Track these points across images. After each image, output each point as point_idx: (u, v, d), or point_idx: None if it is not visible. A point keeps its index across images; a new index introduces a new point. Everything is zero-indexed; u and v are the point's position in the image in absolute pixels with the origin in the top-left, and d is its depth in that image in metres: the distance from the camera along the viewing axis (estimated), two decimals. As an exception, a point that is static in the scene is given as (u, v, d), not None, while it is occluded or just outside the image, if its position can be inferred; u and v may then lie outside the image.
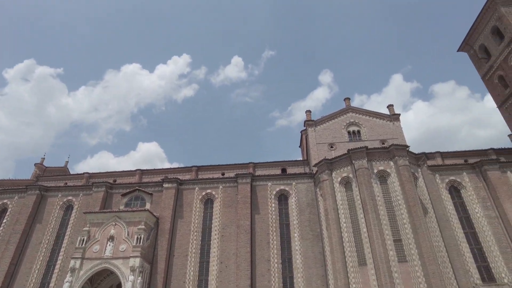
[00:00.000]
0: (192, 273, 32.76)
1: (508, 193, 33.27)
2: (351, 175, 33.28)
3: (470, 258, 30.93)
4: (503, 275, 29.78)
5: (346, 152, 34.45)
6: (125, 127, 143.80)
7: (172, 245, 34.39)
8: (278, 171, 42.71)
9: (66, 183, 44.79)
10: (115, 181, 43.68)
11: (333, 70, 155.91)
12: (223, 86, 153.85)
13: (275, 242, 34.14)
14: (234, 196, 36.94)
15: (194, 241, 34.68)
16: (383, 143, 40.52)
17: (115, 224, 32.61)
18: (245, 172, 39.34)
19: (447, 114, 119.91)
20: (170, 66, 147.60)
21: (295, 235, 34.47)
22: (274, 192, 37.24)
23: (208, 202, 37.65)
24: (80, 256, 30.57)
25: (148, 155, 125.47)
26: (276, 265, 32.82)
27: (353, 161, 33.30)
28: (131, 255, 30.41)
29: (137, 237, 31.43)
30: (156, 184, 38.56)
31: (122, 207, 36.52)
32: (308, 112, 45.03)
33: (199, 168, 44.63)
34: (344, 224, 31.56)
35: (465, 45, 48.33)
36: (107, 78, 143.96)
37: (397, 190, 31.29)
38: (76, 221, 37.07)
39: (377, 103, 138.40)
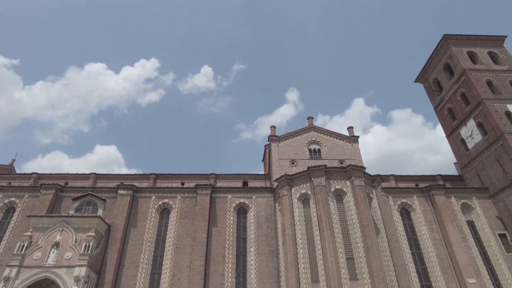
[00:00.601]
0: (142, 285, 31.31)
1: (451, 217, 35.62)
2: (309, 192, 33.98)
3: (415, 278, 32.46)
4: (444, 295, 31.54)
5: (306, 169, 35.23)
6: (83, 128, 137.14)
7: (123, 254, 32.75)
8: (240, 184, 42.60)
9: (10, 183, 41.42)
10: (66, 183, 41.14)
11: (300, 89, 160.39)
12: (191, 94, 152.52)
13: (230, 256, 33.71)
14: (192, 207, 36.18)
15: (147, 252, 33.31)
16: (341, 163, 41.98)
17: (62, 230, 30.50)
18: (205, 183, 38.82)
19: (402, 139, 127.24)
20: (137, 69, 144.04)
21: (252, 249, 34.30)
22: (234, 205, 37.00)
23: (164, 212, 36.51)
24: (18, 264, 28.02)
25: (106, 159, 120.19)
26: (230, 279, 32.32)
27: (312, 179, 34.09)
28: (77, 263, 28.47)
29: (86, 245, 29.56)
30: (110, 190, 36.80)
31: (72, 212, 34.35)
32: (273, 127, 45.73)
33: (158, 176, 43.35)
34: (300, 241, 31.94)
35: (421, 77, 52.00)
36: (69, 75, 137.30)
37: (352, 209, 32.36)
38: (17, 225, 34.14)
39: (339, 124, 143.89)
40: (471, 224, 36.35)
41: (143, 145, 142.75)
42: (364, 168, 35.43)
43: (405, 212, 37.08)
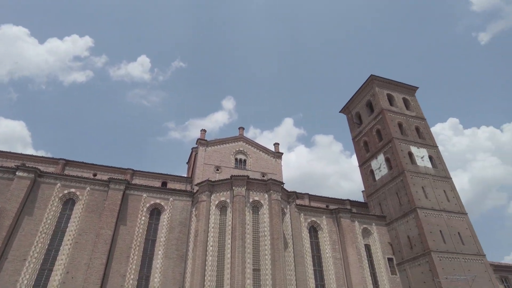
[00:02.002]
0: (26, 281, 27.73)
1: (353, 239, 38.93)
2: (228, 200, 34.19)
3: (313, 293, 34.51)
4: (335, 311, 34.06)
5: (229, 177, 35.46)
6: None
7: (8, 245, 28.75)
8: (158, 184, 40.98)
9: None
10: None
11: (237, 99, 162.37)
12: (122, 82, 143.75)
13: (136, 257, 31.98)
14: (101, 201, 33.60)
15: (39, 244, 29.77)
16: (263, 176, 43.27)
17: None
18: (120, 178, 36.51)
19: (322, 162, 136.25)
20: (66, 43, 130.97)
21: (160, 252, 33.03)
22: (148, 205, 35.37)
23: (69, 202, 33.26)
24: None
25: (9, 134, 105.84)
26: (131, 281, 30.55)
27: (233, 187, 34.41)
28: None
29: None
30: (6, 170, 32.35)
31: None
32: (203, 131, 45.31)
33: (68, 163, 39.47)
34: (211, 248, 31.77)
35: (346, 109, 56.71)
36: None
37: (266, 221, 33.35)
38: None
39: (267, 139, 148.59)
40: (367, 247, 40.16)
41: (57, 127, 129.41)
42: (283, 183, 36.97)
43: (314, 230, 39.44)
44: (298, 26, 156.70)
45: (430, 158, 44.98)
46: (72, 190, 33.53)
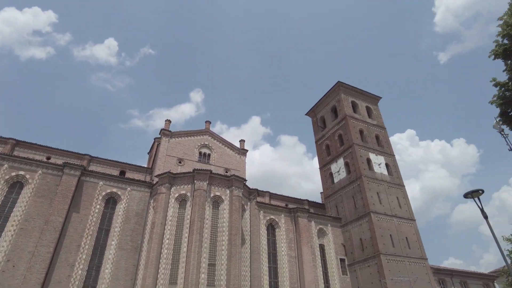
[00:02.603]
0: (-40, 267, 25.67)
1: (308, 238, 40.03)
2: (188, 194, 33.77)
3: (266, 290, 35.08)
4: (286, 307, 34.90)
5: (191, 170, 35.04)
6: None
7: None
8: (116, 172, 39.52)
9: None
10: None
11: (206, 92, 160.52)
12: (85, 63, 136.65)
13: (87, 246, 30.70)
14: (53, 187, 31.85)
15: (-21, 229, 27.65)
16: (226, 171, 43.21)
17: None
18: (76, 163, 34.80)
19: (285, 162, 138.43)
20: (26, 15, 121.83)
21: (113, 243, 31.95)
22: (104, 194, 34.05)
23: (16, 185, 31.18)
24: None
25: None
26: (80, 271, 29.28)
27: (195, 181, 34.05)
28: None
29: None
30: None
31: None
32: (168, 121, 44.32)
33: (18, 143, 36.89)
34: (167, 241, 31.24)
35: (312, 112, 58.04)
36: None
37: (225, 217, 33.36)
38: None
39: (234, 136, 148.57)
40: (322, 247, 41.48)
41: (8, 104, 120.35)
42: (246, 180, 37.16)
43: (272, 228, 40.05)
44: (274, 25, 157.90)
45: (387, 165, 47.29)
46: (21, 172, 31.46)
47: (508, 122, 18.19)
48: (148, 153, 51.79)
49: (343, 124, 49.59)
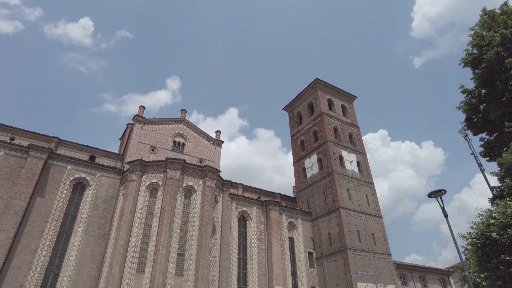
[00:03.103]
0: None
1: (279, 231, 40.65)
2: (160, 183, 33.27)
3: (235, 280, 35.41)
4: (253, 298, 35.48)
5: (164, 159, 34.50)
6: None
7: None
8: (86, 157, 38.20)
9: None
10: None
11: (183, 80, 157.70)
12: (57, 42, 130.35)
13: (51, 232, 29.66)
14: (17, 169, 30.38)
15: None
16: (200, 162, 42.88)
17: None
18: (43, 145, 33.33)
19: (260, 155, 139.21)
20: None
21: (79, 229, 31.06)
22: (72, 178, 32.91)
23: (-25, 166, 29.51)
24: None
25: None
26: (42, 258, 28.29)
27: (168, 170, 33.57)
28: None
29: None
30: None
31: None
32: (142, 107, 43.20)
33: (-20, 122, 34.84)
34: (136, 229, 30.73)
35: (289, 107, 58.49)
36: None
37: (197, 207, 33.19)
38: None
39: (210, 126, 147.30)
40: (291, 240, 42.27)
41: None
42: (219, 171, 37.05)
43: (243, 220, 40.32)
44: (256, 20, 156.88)
45: (358, 163, 48.61)
46: (-18, 153, 29.77)
47: (472, 128, 19.23)
48: (120, 139, 50.41)
49: (318, 121, 50.35)
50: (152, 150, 41.00)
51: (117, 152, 42.81)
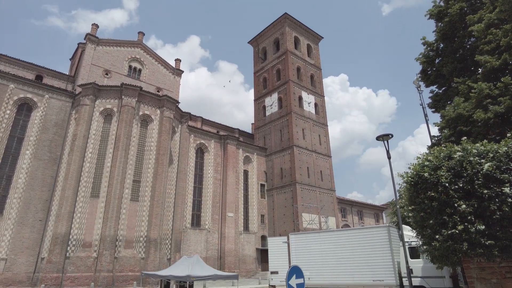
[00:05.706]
0: None
1: (235, 164, 42.24)
2: (115, 109, 32.07)
3: (190, 207, 37.24)
4: (206, 222, 37.90)
5: (119, 84, 32.83)
6: None
7: None
8: (31, 76, 35.09)
9: None
10: None
11: (142, 0, 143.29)
12: None
13: (-5, 154, 28.17)
14: (-51, 82, 27.34)
15: None
16: (158, 91, 41.47)
17: None
18: (-21, 59, 29.88)
19: (221, 90, 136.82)
20: None
21: (28, 152, 29.81)
22: (16, 98, 30.52)
23: None
24: None
25: None
26: (-14, 179, 27.20)
27: (123, 97, 32.21)
28: None
29: None
30: None
31: None
32: (95, 26, 39.36)
33: None
34: (90, 155, 30.17)
35: (254, 41, 56.58)
36: None
37: (154, 137, 32.95)
38: None
39: (169, 54, 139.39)
40: (246, 173, 44.34)
41: None
42: (178, 102, 36.35)
43: (201, 152, 41.04)
44: None
45: (316, 105, 50.02)
46: None
47: (425, 80, 20.31)
48: (70, 59, 46.41)
49: (283, 59, 49.77)
50: (106, 74, 38.55)
51: (67, 74, 39.69)
